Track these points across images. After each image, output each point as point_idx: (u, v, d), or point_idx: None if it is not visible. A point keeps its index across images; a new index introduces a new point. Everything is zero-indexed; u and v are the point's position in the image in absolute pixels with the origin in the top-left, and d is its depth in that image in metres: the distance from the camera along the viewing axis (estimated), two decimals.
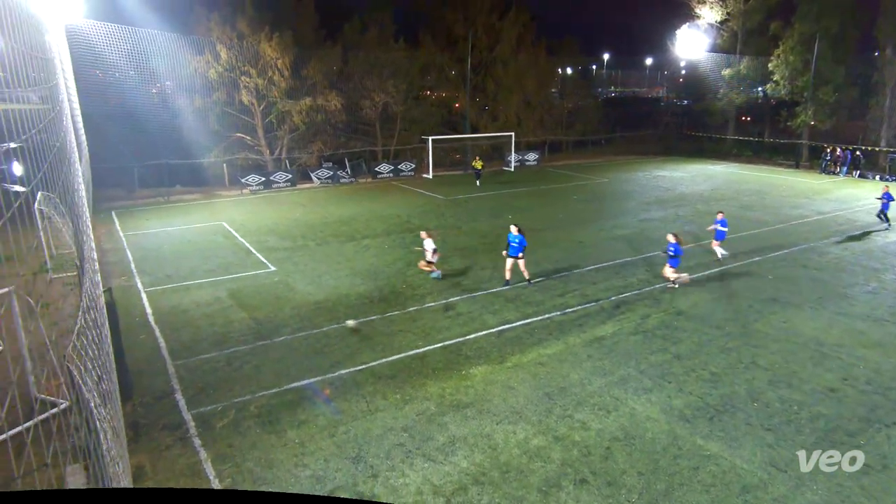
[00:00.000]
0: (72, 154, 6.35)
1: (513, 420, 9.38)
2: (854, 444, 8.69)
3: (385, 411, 9.65)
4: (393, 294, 15.06)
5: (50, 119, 4.58)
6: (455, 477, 8.01)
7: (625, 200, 28.18)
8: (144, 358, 11.61)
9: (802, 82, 39.74)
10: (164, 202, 28.23)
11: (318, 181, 33.70)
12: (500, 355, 11.64)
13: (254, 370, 11.04)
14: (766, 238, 20.66)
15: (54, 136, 4.43)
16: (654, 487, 7.78)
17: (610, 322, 13.25)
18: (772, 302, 14.50)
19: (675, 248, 14.97)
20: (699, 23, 45.56)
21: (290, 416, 9.50)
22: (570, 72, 54.19)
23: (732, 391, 10.24)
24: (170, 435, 9.03)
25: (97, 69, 27.97)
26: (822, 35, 37.75)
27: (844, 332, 12.74)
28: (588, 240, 20.47)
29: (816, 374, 10.88)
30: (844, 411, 9.61)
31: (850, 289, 15.45)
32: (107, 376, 4.88)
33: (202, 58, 30.38)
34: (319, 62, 33.71)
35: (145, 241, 20.71)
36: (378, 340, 12.31)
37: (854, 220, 23.74)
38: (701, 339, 12.35)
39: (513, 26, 42.29)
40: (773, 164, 42.26)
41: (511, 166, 40.01)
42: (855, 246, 19.69)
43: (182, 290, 15.54)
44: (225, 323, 13.29)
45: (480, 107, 43.99)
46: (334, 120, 34.93)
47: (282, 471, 8.17)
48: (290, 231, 22.09)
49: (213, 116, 31.61)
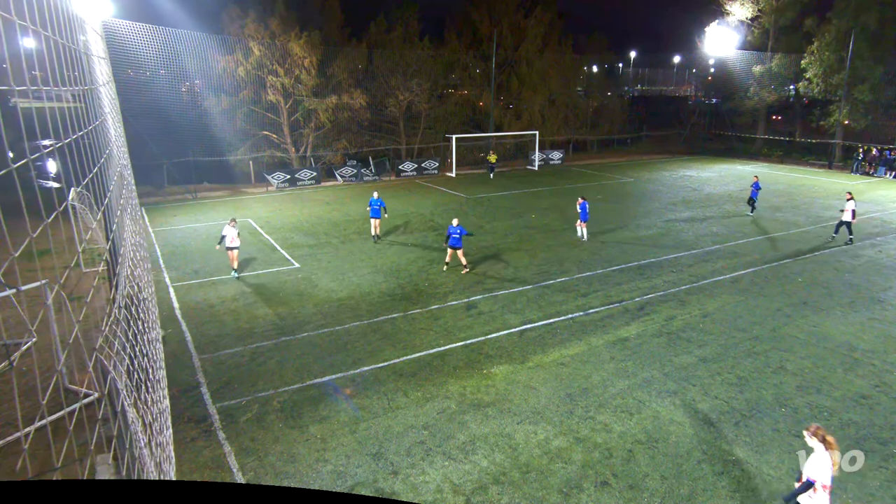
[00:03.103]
0: (109, 152, 6.51)
1: (534, 420, 9.33)
2: (886, 452, 8.45)
3: (406, 409, 9.69)
4: (415, 292, 15.11)
5: (84, 117, 4.69)
6: (475, 476, 8.00)
7: (650, 201, 27.79)
8: (171, 351, 11.83)
9: (837, 80, 38.65)
10: (191, 199, 28.76)
11: (342, 179, 33.97)
12: (521, 355, 11.59)
13: (277, 365, 11.18)
14: (797, 240, 20.18)
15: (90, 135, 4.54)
16: (676, 492, 7.66)
17: (634, 323, 13.09)
18: (802, 305, 14.15)
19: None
20: (729, 20, 44.67)
21: (312, 412, 9.60)
22: (596, 70, 53.62)
23: (759, 396, 10.03)
24: (195, 427, 9.21)
25: (129, 68, 28.59)
26: (859, 31, 36.65)
27: (877, 337, 12.37)
28: (612, 240, 20.24)
29: (847, 380, 10.60)
30: (876, 419, 9.34)
31: (884, 293, 15.00)
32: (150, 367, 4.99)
33: (232, 56, 30.87)
34: (345, 60, 34.00)
35: (173, 236, 21.13)
36: (400, 338, 12.37)
37: (889, 221, 23.05)
38: (727, 342, 12.13)
39: (538, 24, 42.06)
40: (804, 164, 41.27)
41: (535, 165, 39.78)
42: (890, 248, 19.11)
43: (208, 285, 15.81)
44: (249, 318, 13.49)
45: (504, 105, 43.86)
46: (359, 118, 35.19)
47: (303, 465, 8.27)
48: (314, 228, 22.31)
49: (240, 114, 32.09)
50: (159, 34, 28.26)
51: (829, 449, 6.08)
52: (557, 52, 43.65)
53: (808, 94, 42.26)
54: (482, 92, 42.55)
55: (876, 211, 25.11)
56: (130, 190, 9.30)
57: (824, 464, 6.04)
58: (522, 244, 19.72)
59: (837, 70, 38.48)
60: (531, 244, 19.66)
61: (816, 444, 6.17)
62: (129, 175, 9.88)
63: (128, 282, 5.07)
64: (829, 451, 6.06)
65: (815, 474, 6.05)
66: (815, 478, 6.04)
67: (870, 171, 35.94)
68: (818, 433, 6.16)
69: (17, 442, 7.28)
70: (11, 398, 9.11)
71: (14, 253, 2.25)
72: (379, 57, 36.19)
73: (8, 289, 8.57)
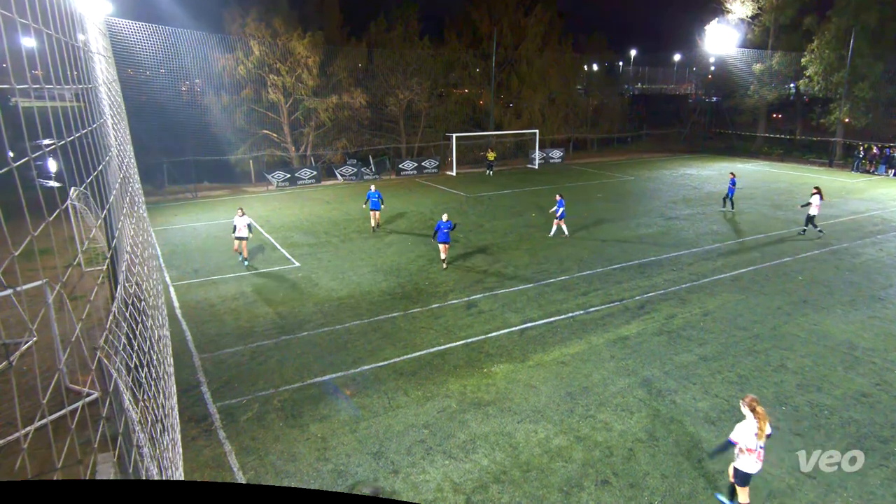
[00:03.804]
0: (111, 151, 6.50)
1: (534, 419, 9.33)
2: (887, 450, 8.45)
3: (406, 408, 9.70)
4: (416, 291, 15.11)
5: (85, 117, 4.69)
6: (475, 475, 8.00)
7: (650, 199, 27.78)
8: (171, 351, 11.83)
9: (837, 78, 38.61)
10: (191, 198, 28.76)
11: (343, 178, 33.97)
12: (522, 354, 11.59)
13: (277, 364, 11.19)
14: (797, 238, 20.17)
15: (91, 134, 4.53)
16: (677, 490, 7.67)
17: (634, 322, 13.09)
18: (802, 304, 14.15)
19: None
20: (729, 18, 44.62)
21: (312, 411, 9.61)
22: (596, 68, 53.58)
23: (760, 394, 10.01)
24: (195, 427, 9.21)
25: (128, 67, 28.57)
26: (859, 29, 36.60)
27: (878, 335, 12.37)
28: (612, 238, 20.24)
29: (848, 378, 10.60)
30: (877, 417, 9.34)
31: (885, 291, 15.00)
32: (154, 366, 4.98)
33: (232, 55, 30.85)
34: (345, 60, 33.98)
35: (173, 235, 21.14)
36: (400, 337, 12.37)
37: (890, 219, 23.03)
38: (728, 341, 12.13)
39: (538, 22, 42.01)
40: (805, 162, 41.25)
41: (535, 164, 39.77)
42: (891, 246, 19.10)
43: (208, 284, 15.81)
44: (250, 317, 13.49)
45: (504, 104, 43.83)
46: (359, 117, 35.18)
47: (304, 465, 8.27)
48: (315, 227, 22.31)
49: (240, 113, 32.08)
50: (159, 33, 28.25)
51: (756, 418, 6.73)
52: (557, 51, 43.61)
53: (808, 92, 42.22)
54: (482, 91, 42.53)
55: (876, 209, 25.10)
56: (136, 188, 9.31)
57: (749, 430, 6.74)
58: (523, 243, 19.72)
59: (838, 68, 38.45)
60: (531, 243, 19.66)
61: (747, 412, 6.81)
62: (134, 173, 9.89)
63: (130, 279, 5.07)
64: (757, 420, 6.72)
65: (737, 437, 6.79)
66: (737, 440, 6.79)
67: (870, 169, 35.92)
68: (751, 404, 6.80)
69: (17, 442, 7.29)
70: (12, 398, 9.11)
71: (14, 252, 2.25)
72: (379, 56, 36.17)
73: (8, 289, 8.57)
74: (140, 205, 10.29)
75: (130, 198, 7.41)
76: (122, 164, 7.55)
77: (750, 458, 6.78)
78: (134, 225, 7.28)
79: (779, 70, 42.73)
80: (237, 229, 17.12)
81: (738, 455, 6.88)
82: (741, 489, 7.03)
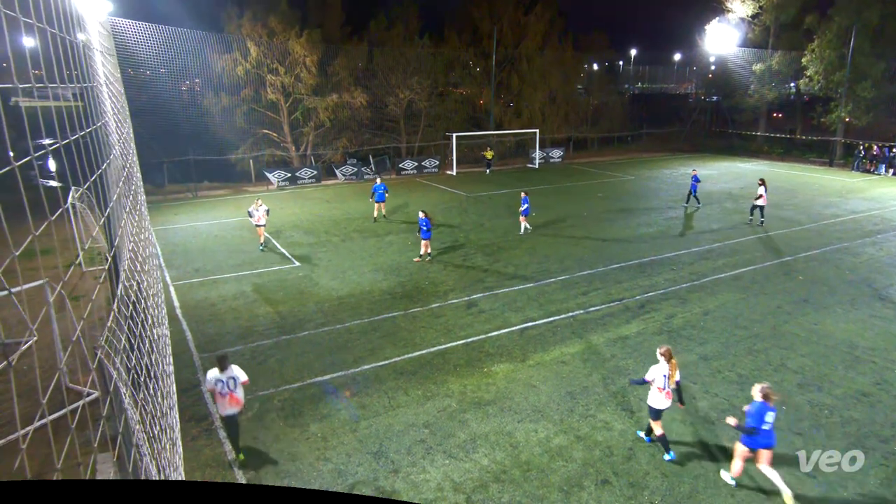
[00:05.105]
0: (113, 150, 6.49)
1: (534, 418, 9.33)
2: (887, 450, 8.45)
3: (406, 407, 9.70)
4: (416, 290, 15.11)
5: (86, 116, 4.69)
6: (476, 474, 8.01)
7: (650, 198, 27.77)
8: (172, 350, 11.84)
9: (838, 77, 38.56)
10: (192, 198, 28.76)
11: (343, 177, 33.97)
12: (522, 353, 11.59)
13: (277, 364, 11.19)
14: (798, 238, 20.17)
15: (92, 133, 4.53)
16: (677, 490, 7.67)
17: (634, 321, 13.09)
18: (803, 303, 14.15)
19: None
20: (729, 17, 44.57)
21: (312, 411, 9.61)
22: (596, 67, 53.55)
23: None
24: (196, 426, 9.22)
25: (129, 67, 28.56)
26: (860, 28, 36.55)
27: (878, 334, 12.37)
28: (612, 238, 20.23)
29: (848, 377, 10.59)
30: (877, 416, 9.34)
31: (885, 290, 14.99)
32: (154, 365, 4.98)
33: (230, 55, 30.84)
34: (345, 59, 33.96)
35: (174, 235, 21.14)
36: (400, 336, 12.37)
37: (890, 219, 23.02)
38: (728, 341, 12.13)
39: (539, 21, 41.98)
40: (805, 161, 41.21)
41: (535, 163, 39.75)
42: (891, 246, 19.09)
43: (209, 283, 15.82)
44: (250, 317, 13.49)
45: (505, 103, 43.81)
46: (359, 116, 35.17)
47: (304, 464, 8.28)
48: (315, 227, 22.31)
49: (240, 113, 32.08)
50: (158, 32, 28.24)
51: (669, 366, 8.00)
52: (558, 50, 43.57)
53: (808, 91, 42.17)
54: (482, 90, 42.51)
55: (877, 208, 25.09)
56: (138, 187, 9.32)
57: (660, 371, 8.06)
58: (523, 242, 19.72)
59: (839, 67, 38.39)
60: (532, 242, 19.66)
61: (661, 358, 8.10)
62: (136, 172, 9.89)
63: (130, 278, 5.07)
64: (669, 367, 8.00)
65: (651, 377, 8.14)
66: (649, 378, 8.15)
67: (870, 168, 35.89)
68: (666, 354, 8.06)
69: (17, 441, 7.29)
70: (11, 398, 9.12)
71: (15, 252, 2.25)
72: (379, 55, 36.15)
73: (2, 290, 8.57)
74: (142, 203, 10.31)
75: (133, 195, 7.41)
76: (125, 163, 7.55)
77: (660, 395, 8.06)
78: (136, 223, 7.28)
79: (779, 69, 42.69)
80: (256, 217, 18.58)
81: (652, 395, 8.14)
82: (654, 422, 8.28)
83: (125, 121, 9.60)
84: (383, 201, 22.90)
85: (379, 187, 22.60)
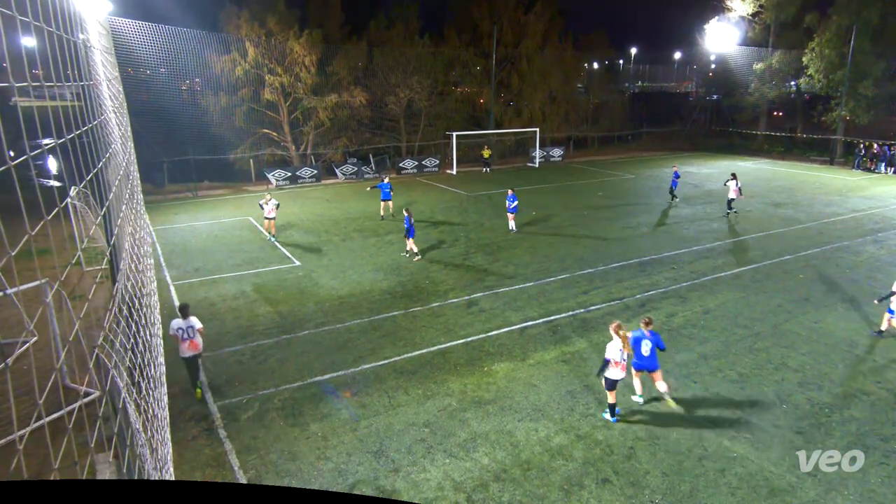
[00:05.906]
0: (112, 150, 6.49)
1: (535, 417, 9.33)
2: (888, 448, 8.44)
3: (407, 406, 9.70)
4: (416, 289, 15.11)
5: (85, 115, 4.68)
6: (476, 473, 8.00)
7: (651, 197, 27.75)
8: (171, 350, 11.83)
9: (838, 76, 38.53)
10: (192, 197, 28.75)
11: (343, 177, 33.96)
12: (522, 352, 11.59)
13: (278, 363, 11.19)
14: (798, 236, 20.16)
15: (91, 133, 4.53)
16: (678, 489, 7.67)
17: (635, 320, 13.07)
18: (803, 302, 14.14)
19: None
20: (730, 16, 44.52)
21: (313, 410, 9.61)
22: (597, 66, 53.52)
23: (761, 393, 10.02)
24: (196, 426, 9.22)
25: (128, 66, 28.55)
26: (860, 27, 36.51)
27: None
28: (613, 237, 20.22)
29: (849, 376, 10.59)
30: (878, 415, 9.34)
31: (886, 289, 14.95)
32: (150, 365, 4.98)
33: (229, 56, 30.80)
34: (345, 58, 33.93)
35: (174, 235, 21.13)
36: (401, 336, 12.37)
37: (891, 217, 23.01)
38: (728, 339, 12.12)
39: (539, 20, 41.95)
40: (806, 160, 41.19)
41: (535, 162, 39.74)
42: (891, 244, 19.08)
43: (209, 283, 15.82)
44: (250, 316, 13.49)
45: (505, 102, 43.79)
46: (359, 116, 35.14)
47: (305, 464, 8.27)
48: (315, 226, 22.30)
49: (239, 113, 32.05)
50: (158, 32, 28.21)
51: (620, 339, 8.71)
52: (558, 49, 43.54)
53: (809, 89, 42.13)
54: (483, 89, 42.48)
55: (877, 207, 25.07)
56: (135, 186, 9.33)
57: (615, 347, 8.73)
58: (523, 241, 19.71)
59: (839, 66, 38.36)
60: (532, 241, 19.65)
61: (614, 335, 8.79)
62: (134, 171, 9.89)
63: (129, 279, 5.06)
64: (620, 340, 8.70)
65: (609, 355, 8.79)
66: (609, 357, 8.80)
67: (871, 166, 35.87)
68: (616, 330, 8.79)
69: (15, 442, 7.27)
70: (8, 398, 9.11)
71: (11, 252, 2.24)
72: (379, 54, 36.12)
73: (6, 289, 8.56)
74: (139, 201, 10.30)
75: (130, 193, 7.41)
76: (124, 161, 7.55)
77: (616, 369, 8.82)
78: (133, 222, 7.27)
79: (779, 68, 42.64)
80: (267, 210, 19.52)
81: (612, 369, 8.84)
82: (610, 392, 9.03)
83: (124, 120, 9.60)
84: (389, 200, 23.14)
85: (384, 186, 22.99)
